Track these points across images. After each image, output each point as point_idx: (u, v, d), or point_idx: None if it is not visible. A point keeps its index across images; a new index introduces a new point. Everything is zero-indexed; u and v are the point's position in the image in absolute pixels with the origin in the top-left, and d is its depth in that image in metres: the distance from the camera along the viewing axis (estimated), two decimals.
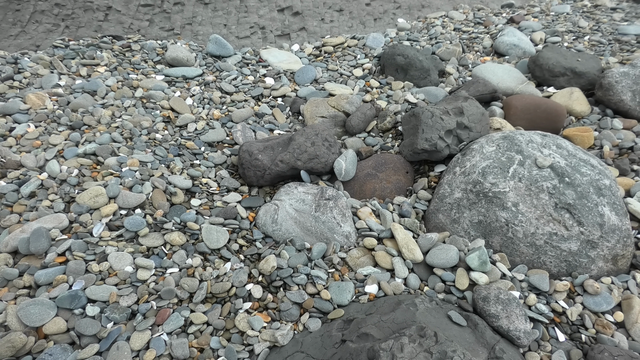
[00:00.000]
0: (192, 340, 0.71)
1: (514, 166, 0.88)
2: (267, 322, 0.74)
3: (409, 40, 1.70)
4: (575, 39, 1.72)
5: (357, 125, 1.17)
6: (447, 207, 0.90)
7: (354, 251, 0.85)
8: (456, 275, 0.79)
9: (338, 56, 1.59)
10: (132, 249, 0.80)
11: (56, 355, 0.64)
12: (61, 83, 1.17)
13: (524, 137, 0.94)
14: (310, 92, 1.33)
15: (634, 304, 0.75)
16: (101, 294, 0.72)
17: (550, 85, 1.40)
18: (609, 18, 1.93)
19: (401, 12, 2.02)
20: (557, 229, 0.82)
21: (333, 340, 0.69)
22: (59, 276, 0.72)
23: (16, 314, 0.66)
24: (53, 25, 1.54)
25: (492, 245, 0.85)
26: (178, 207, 0.90)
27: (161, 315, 0.72)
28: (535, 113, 1.18)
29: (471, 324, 0.70)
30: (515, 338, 0.68)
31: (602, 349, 0.67)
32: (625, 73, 1.25)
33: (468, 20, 1.92)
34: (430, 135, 0.98)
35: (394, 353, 0.59)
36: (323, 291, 0.78)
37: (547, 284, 0.79)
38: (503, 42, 1.63)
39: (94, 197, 0.84)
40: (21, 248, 0.75)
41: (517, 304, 0.71)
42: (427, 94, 1.29)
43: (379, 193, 0.99)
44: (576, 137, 1.13)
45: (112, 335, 0.68)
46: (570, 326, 0.74)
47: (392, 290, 0.79)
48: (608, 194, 0.85)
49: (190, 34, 1.75)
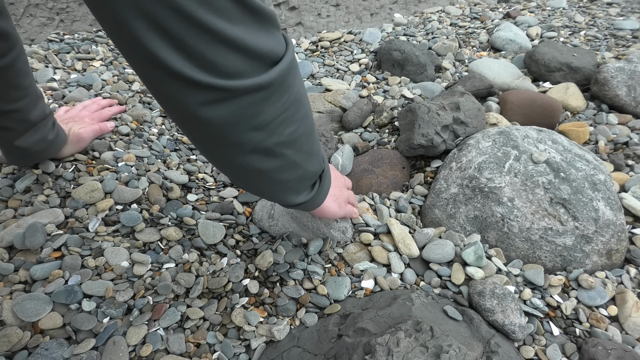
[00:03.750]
0: (188, 335, 0.71)
1: (510, 161, 0.88)
2: (264, 317, 0.74)
3: (406, 36, 1.70)
4: (572, 34, 1.72)
5: (353, 121, 1.17)
6: (444, 202, 0.90)
7: (350, 246, 0.85)
8: (452, 270, 0.80)
9: (335, 51, 1.59)
10: (129, 244, 0.79)
11: (52, 350, 0.64)
12: (56, 77, 1.16)
13: (520, 133, 0.94)
14: (307, 87, 1.33)
15: (627, 298, 0.76)
16: (97, 289, 0.72)
17: (546, 81, 1.40)
18: (605, 13, 1.93)
19: (398, 7, 2.02)
20: (552, 224, 0.82)
21: (329, 335, 0.69)
22: (55, 271, 0.72)
23: (12, 309, 0.66)
24: (47, 19, 1.53)
25: (488, 240, 0.86)
26: (174, 202, 0.89)
27: (157, 310, 0.72)
28: (531, 108, 1.18)
29: (467, 319, 0.70)
30: (510, 332, 0.69)
31: (596, 342, 0.68)
32: (620, 68, 1.26)
33: (464, 15, 1.92)
34: (427, 130, 0.98)
35: (390, 347, 0.59)
36: (319, 286, 0.78)
37: (542, 278, 0.79)
38: (499, 37, 1.63)
39: (90, 192, 0.83)
40: (16, 243, 0.74)
41: (512, 298, 0.72)
42: (423, 89, 1.29)
43: (375, 188, 0.99)
44: (572, 133, 1.13)
45: (109, 330, 0.68)
46: (564, 320, 0.75)
47: (389, 285, 0.79)
48: (603, 189, 0.85)
49: None
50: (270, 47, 0.40)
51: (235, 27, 0.36)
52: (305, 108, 0.49)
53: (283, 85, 0.42)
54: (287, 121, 0.45)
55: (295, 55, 0.48)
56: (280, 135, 0.45)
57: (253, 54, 0.38)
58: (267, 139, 0.45)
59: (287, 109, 0.44)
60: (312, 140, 0.53)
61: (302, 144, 0.50)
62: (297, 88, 0.46)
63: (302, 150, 0.51)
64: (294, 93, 0.45)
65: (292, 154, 0.49)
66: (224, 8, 0.35)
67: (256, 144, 0.45)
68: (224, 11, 0.35)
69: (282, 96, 0.43)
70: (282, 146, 0.47)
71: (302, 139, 0.50)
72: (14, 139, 0.77)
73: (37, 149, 0.81)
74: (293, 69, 0.44)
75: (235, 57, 0.37)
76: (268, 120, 0.43)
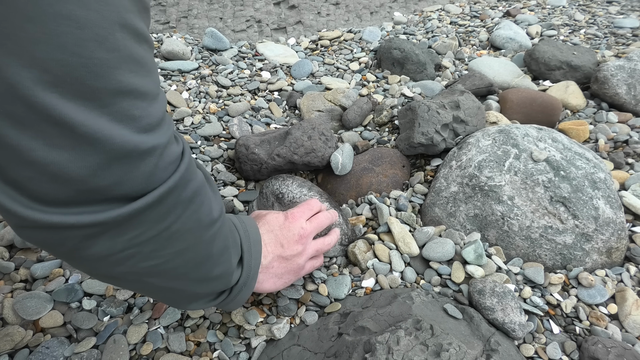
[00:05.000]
0: (188, 334, 0.71)
1: (510, 160, 0.88)
2: (264, 318, 0.74)
3: (405, 34, 1.70)
4: (571, 33, 1.72)
5: (353, 119, 1.17)
6: (443, 200, 0.90)
7: (360, 243, 0.84)
8: (452, 268, 0.80)
9: (334, 50, 1.59)
10: None
11: (53, 349, 0.64)
12: None
13: (520, 131, 0.94)
14: (307, 86, 1.33)
15: (627, 296, 0.76)
16: (98, 287, 0.72)
17: (546, 79, 1.40)
18: (605, 11, 1.93)
19: (397, 5, 2.02)
20: (552, 222, 0.82)
21: (330, 334, 0.69)
22: (55, 270, 0.72)
23: (12, 307, 0.66)
24: None
25: (488, 239, 0.86)
26: None
27: (158, 309, 0.72)
28: (531, 107, 1.18)
29: (467, 317, 0.70)
30: (510, 330, 0.69)
31: (596, 340, 0.68)
32: (620, 66, 1.26)
33: (464, 14, 1.92)
34: (427, 129, 0.98)
35: (390, 346, 0.59)
36: (320, 285, 0.78)
37: (542, 276, 0.79)
38: (499, 35, 1.63)
39: None
40: (17, 241, 0.74)
41: (512, 296, 0.72)
42: (423, 88, 1.29)
43: (375, 187, 0.99)
44: (571, 131, 1.13)
45: (109, 329, 0.68)
46: (564, 318, 0.75)
47: (389, 284, 0.79)
48: (603, 187, 0.85)
49: (186, 27, 1.74)
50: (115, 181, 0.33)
51: (53, 150, 0.29)
52: (186, 243, 0.42)
53: (134, 221, 0.35)
54: (140, 255, 0.38)
55: (190, 185, 0.40)
56: (131, 267, 0.38)
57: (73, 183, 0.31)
58: (112, 269, 0.38)
59: (141, 245, 0.37)
60: (199, 270, 0.46)
61: (174, 275, 0.44)
62: (172, 225, 0.39)
63: (178, 278, 0.44)
64: (156, 230, 0.37)
65: (161, 282, 0.43)
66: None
67: (99, 271, 0.39)
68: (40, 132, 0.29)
69: (126, 233, 0.36)
70: (140, 276, 0.41)
71: (176, 271, 0.43)
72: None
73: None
74: (164, 204, 0.37)
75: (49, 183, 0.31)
76: (101, 254, 0.36)
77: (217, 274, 0.49)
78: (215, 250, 0.46)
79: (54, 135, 0.29)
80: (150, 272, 0.41)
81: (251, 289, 0.58)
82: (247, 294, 0.57)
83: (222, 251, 0.48)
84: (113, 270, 0.38)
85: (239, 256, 0.54)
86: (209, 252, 0.45)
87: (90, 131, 0.30)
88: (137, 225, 0.36)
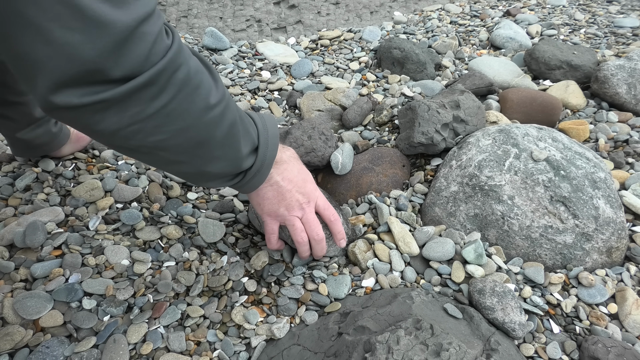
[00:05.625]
0: (188, 334, 0.71)
1: (510, 159, 0.88)
2: (264, 317, 0.74)
3: (405, 34, 1.70)
4: (572, 32, 1.72)
5: (353, 119, 1.17)
6: (444, 200, 0.90)
7: (360, 243, 0.85)
8: (452, 268, 0.80)
9: (334, 49, 1.59)
10: (129, 243, 0.80)
11: (53, 348, 0.64)
12: None
13: (520, 131, 0.94)
14: (307, 86, 1.33)
15: (627, 295, 0.76)
16: (98, 287, 0.72)
17: (546, 79, 1.40)
18: (605, 11, 1.93)
19: (397, 5, 2.02)
20: (552, 222, 0.82)
21: (330, 333, 0.69)
22: (55, 269, 0.72)
23: (12, 307, 0.66)
24: None
25: (488, 239, 0.86)
26: (174, 200, 0.90)
27: (158, 309, 0.72)
28: (531, 106, 1.18)
29: (467, 317, 0.70)
30: (510, 330, 0.69)
31: (596, 340, 0.68)
32: (620, 66, 1.26)
33: (464, 13, 1.92)
34: (427, 128, 0.98)
35: (390, 345, 0.59)
36: (320, 285, 0.78)
37: (542, 276, 0.79)
38: (499, 35, 1.63)
39: (90, 190, 0.83)
40: (17, 241, 0.74)
41: (512, 296, 0.72)
42: (423, 88, 1.29)
43: (375, 187, 0.99)
44: (572, 130, 1.13)
45: (109, 329, 0.68)
46: (564, 318, 0.75)
47: (389, 284, 0.79)
48: (603, 186, 0.85)
49: (186, 26, 1.73)
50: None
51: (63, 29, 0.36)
52: (185, 123, 0.47)
53: (132, 99, 0.41)
54: (146, 131, 0.45)
55: (182, 66, 0.45)
56: (141, 140, 0.45)
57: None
58: (126, 142, 0.45)
59: (143, 121, 0.44)
60: (201, 148, 0.52)
61: (180, 150, 0.50)
62: (168, 104, 0.44)
63: (185, 153, 0.51)
64: (153, 108, 0.43)
65: (170, 155, 0.50)
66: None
67: (117, 143, 0.46)
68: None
69: (127, 109, 0.42)
70: (151, 149, 0.48)
71: (181, 147, 0.49)
72: (15, 131, 0.78)
73: (40, 141, 0.81)
74: (156, 85, 0.42)
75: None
76: (111, 129, 0.43)
77: (220, 155, 0.54)
78: (219, 134, 0.52)
79: (68, 17, 0.35)
80: (159, 147, 0.47)
81: (264, 176, 0.64)
82: (260, 180, 0.64)
83: (226, 135, 0.53)
84: (128, 143, 0.45)
85: (252, 146, 0.59)
86: (211, 134, 0.51)
87: (97, 14, 0.35)
88: (136, 102, 0.42)
